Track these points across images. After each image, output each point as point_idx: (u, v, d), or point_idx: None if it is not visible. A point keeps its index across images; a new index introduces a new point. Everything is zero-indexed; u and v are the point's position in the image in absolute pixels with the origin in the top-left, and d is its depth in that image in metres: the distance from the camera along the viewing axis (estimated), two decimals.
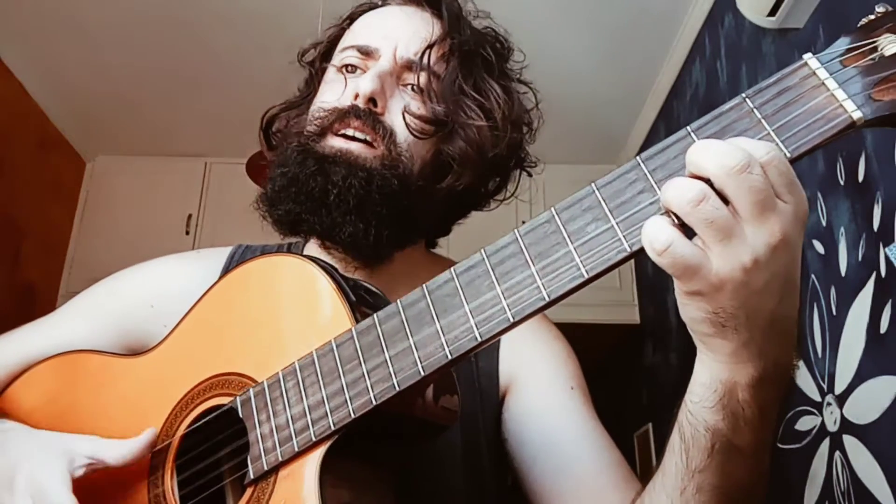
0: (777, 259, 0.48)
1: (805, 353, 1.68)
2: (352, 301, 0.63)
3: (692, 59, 2.54)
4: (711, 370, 0.53)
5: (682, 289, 0.49)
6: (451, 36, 0.86)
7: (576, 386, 0.80)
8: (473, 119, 0.83)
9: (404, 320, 0.58)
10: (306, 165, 0.79)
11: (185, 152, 3.28)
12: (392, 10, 0.89)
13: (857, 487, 1.43)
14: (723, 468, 0.54)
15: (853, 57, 0.49)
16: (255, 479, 0.62)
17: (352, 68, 0.85)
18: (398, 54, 0.83)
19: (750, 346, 0.50)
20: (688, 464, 0.55)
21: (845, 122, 0.47)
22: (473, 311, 0.54)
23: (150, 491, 0.68)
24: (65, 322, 0.86)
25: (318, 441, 0.59)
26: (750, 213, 0.47)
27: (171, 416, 0.69)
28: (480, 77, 0.87)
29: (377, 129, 0.79)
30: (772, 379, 0.52)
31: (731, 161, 0.46)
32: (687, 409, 0.55)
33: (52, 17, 2.56)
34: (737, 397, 0.52)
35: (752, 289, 0.48)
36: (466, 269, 0.55)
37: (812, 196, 1.68)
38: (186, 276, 0.87)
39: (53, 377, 0.78)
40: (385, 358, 0.58)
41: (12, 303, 2.78)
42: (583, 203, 0.52)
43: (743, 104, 0.50)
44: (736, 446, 0.54)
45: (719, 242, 0.47)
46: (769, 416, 0.54)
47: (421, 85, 0.82)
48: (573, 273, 0.51)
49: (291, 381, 0.62)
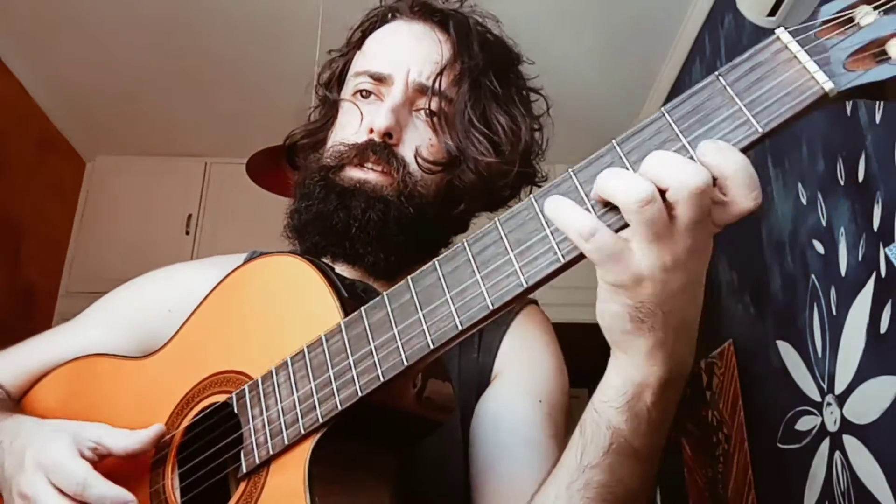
0: (693, 263, 0.50)
1: (805, 353, 1.68)
2: (343, 297, 0.64)
3: (692, 59, 2.54)
4: (625, 372, 0.54)
5: (606, 279, 0.51)
6: (461, 58, 0.88)
7: (544, 401, 0.80)
8: (483, 155, 0.86)
9: (390, 312, 0.58)
10: (329, 201, 0.84)
11: (185, 152, 3.29)
12: (401, 29, 0.91)
13: (857, 487, 1.43)
14: (613, 468, 0.56)
15: (828, 28, 0.48)
16: (248, 473, 0.63)
17: (366, 94, 0.88)
18: (410, 80, 0.86)
19: (664, 347, 0.52)
20: (581, 458, 0.57)
21: (817, 94, 0.47)
22: (454, 299, 0.55)
23: (151, 485, 0.69)
24: (84, 329, 0.89)
25: (308, 434, 0.60)
26: (688, 224, 0.48)
27: (174, 413, 0.71)
28: (489, 105, 0.89)
29: (391, 163, 0.83)
30: (675, 382, 0.54)
31: (694, 181, 0.47)
32: (593, 407, 0.57)
33: (52, 17, 2.56)
34: (644, 400, 0.54)
35: (669, 288, 0.50)
36: (449, 259, 0.56)
37: (812, 196, 1.68)
38: (204, 280, 0.88)
39: (69, 381, 0.81)
40: (371, 349, 0.58)
41: (12, 303, 2.78)
42: (559, 188, 0.52)
43: (716, 82, 0.50)
44: (633, 448, 0.55)
45: (649, 241, 0.49)
46: (667, 420, 0.56)
47: (433, 109, 0.86)
48: (550, 258, 0.52)
49: (283, 375, 0.63)
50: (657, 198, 0.47)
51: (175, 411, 0.71)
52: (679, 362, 0.54)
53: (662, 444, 0.57)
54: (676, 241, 0.49)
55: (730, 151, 0.47)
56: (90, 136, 3.21)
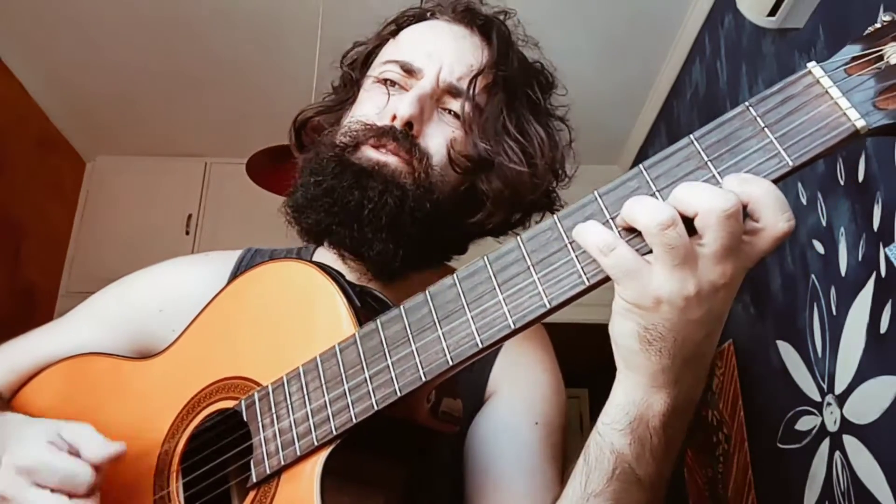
0: (717, 297, 0.50)
1: (805, 353, 1.68)
2: (356, 306, 0.63)
3: (692, 59, 2.54)
4: (627, 391, 0.54)
5: (622, 296, 0.51)
6: (499, 67, 0.85)
7: (542, 423, 0.78)
8: (515, 163, 0.82)
9: (407, 326, 0.58)
10: (344, 178, 0.78)
11: (185, 152, 3.28)
12: (440, 26, 0.87)
13: (857, 487, 1.43)
14: (618, 496, 0.55)
15: (858, 65, 0.49)
16: (258, 483, 0.62)
17: (391, 83, 0.84)
18: (441, 77, 0.82)
19: (669, 372, 0.52)
20: (585, 485, 0.56)
21: (849, 131, 0.47)
22: (475, 318, 0.54)
23: (155, 492, 0.68)
24: (76, 326, 0.87)
25: (321, 445, 0.59)
26: (716, 253, 0.48)
27: (178, 418, 0.70)
28: (525, 116, 0.86)
29: (413, 153, 0.79)
30: (681, 411, 0.54)
31: (724, 205, 0.47)
32: (597, 430, 0.56)
33: (52, 17, 2.56)
34: (647, 423, 0.54)
35: (687, 317, 0.50)
36: (469, 276, 0.56)
37: (812, 196, 1.68)
38: (195, 279, 0.87)
39: (64, 380, 0.79)
40: (387, 363, 0.58)
41: (12, 303, 2.78)
42: (585, 210, 0.52)
43: (746, 112, 0.50)
44: (637, 476, 0.55)
45: (672, 266, 0.49)
46: (673, 450, 0.55)
47: (461, 113, 0.82)
48: (574, 280, 0.51)
49: (295, 385, 0.62)
50: (678, 222, 0.48)
51: (180, 415, 0.70)
52: (686, 393, 0.53)
53: (667, 476, 0.56)
54: (702, 271, 0.49)
55: (756, 180, 0.48)
56: (90, 136, 3.21)
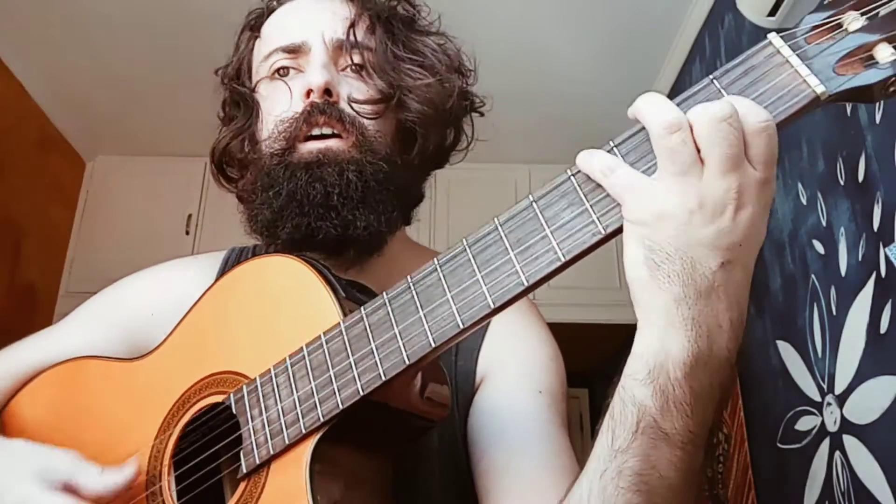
0: (727, 217, 0.49)
1: (805, 353, 1.68)
2: (341, 296, 0.64)
3: (692, 59, 2.54)
4: (644, 338, 0.52)
5: (627, 217, 0.50)
6: (366, 6, 0.85)
7: (544, 391, 0.78)
8: (420, 79, 0.83)
9: (390, 311, 0.59)
10: (298, 177, 0.78)
11: (185, 152, 3.28)
12: (297, 4, 0.88)
13: (857, 487, 1.43)
14: (646, 453, 0.51)
15: (818, 34, 0.50)
16: (248, 473, 0.63)
17: (284, 71, 0.84)
18: (328, 39, 0.82)
19: (683, 306, 0.49)
20: (612, 442, 0.53)
21: (809, 97, 0.49)
22: (455, 299, 0.55)
23: (147, 488, 0.68)
24: (69, 332, 0.87)
25: (308, 433, 0.60)
26: (715, 163, 0.48)
27: (169, 415, 0.70)
28: (408, 37, 0.86)
29: (343, 120, 0.79)
30: (706, 363, 0.50)
31: (715, 109, 0.48)
32: (621, 384, 0.54)
33: (52, 17, 2.56)
34: (667, 372, 0.50)
35: (693, 235, 0.49)
36: (449, 259, 0.57)
37: (812, 196, 1.68)
38: (185, 281, 0.88)
39: (57, 385, 0.80)
40: (371, 348, 0.59)
41: (12, 303, 2.78)
42: (559, 189, 0.53)
43: (711, 85, 0.51)
44: (663, 431, 0.51)
45: (672, 175, 0.49)
46: (704, 407, 0.51)
47: (358, 62, 0.82)
48: (551, 257, 0.52)
49: (282, 375, 0.63)
50: (684, 129, 0.48)
51: (171, 412, 0.70)
52: (708, 340, 0.50)
53: (702, 433, 0.52)
54: (705, 184, 0.48)
55: (758, 107, 0.49)
56: (90, 136, 3.21)
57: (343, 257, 0.81)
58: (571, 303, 2.91)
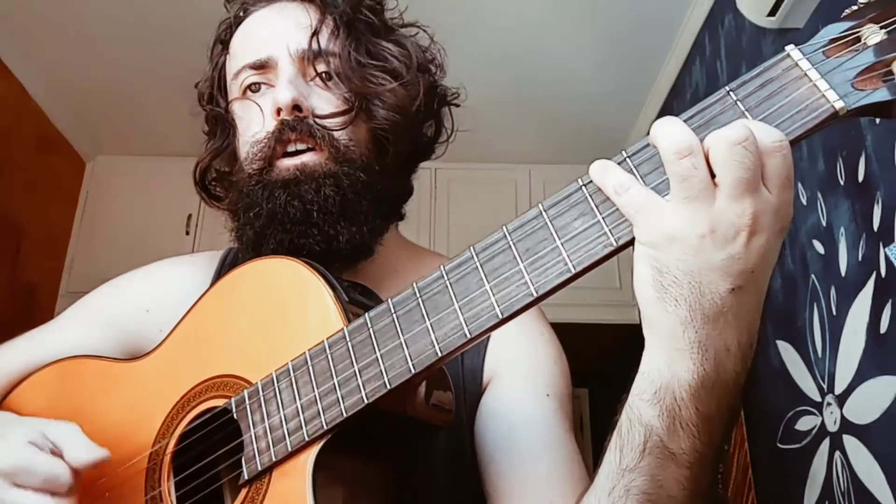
0: (739, 243, 0.48)
1: (805, 353, 1.68)
2: (344, 301, 0.63)
3: (692, 59, 2.54)
4: (651, 357, 0.52)
5: (638, 237, 0.50)
6: (328, 11, 0.85)
7: (552, 394, 0.78)
8: (383, 84, 0.83)
9: (395, 319, 0.58)
10: (276, 196, 0.79)
11: (185, 152, 3.26)
12: (260, 14, 0.88)
13: (857, 487, 1.43)
14: (654, 473, 0.52)
15: (836, 47, 0.49)
16: (250, 480, 0.62)
17: (256, 87, 0.84)
18: (292, 51, 0.82)
19: (690, 330, 0.49)
20: (620, 461, 0.54)
21: (828, 112, 0.47)
22: (462, 308, 0.55)
23: (146, 492, 0.68)
24: (64, 329, 0.87)
25: (312, 440, 0.59)
26: (729, 186, 0.47)
27: (168, 418, 0.69)
28: (370, 42, 0.86)
29: (314, 134, 0.79)
30: (713, 385, 0.50)
31: (730, 133, 0.47)
32: (628, 403, 0.54)
33: (52, 17, 2.55)
34: (673, 393, 0.51)
35: (703, 260, 0.48)
36: (456, 267, 0.56)
37: (812, 196, 1.68)
38: (181, 280, 0.88)
39: (54, 383, 0.79)
40: (376, 356, 0.58)
41: (12, 303, 2.78)
42: (570, 199, 0.53)
43: (727, 97, 0.50)
44: (670, 451, 0.52)
45: (683, 199, 0.48)
46: (711, 427, 0.51)
47: (324, 71, 0.83)
48: (560, 268, 0.52)
49: (285, 381, 0.62)
50: (696, 153, 0.47)
51: (170, 415, 0.69)
52: (716, 364, 0.50)
53: (710, 454, 0.52)
54: (718, 209, 0.47)
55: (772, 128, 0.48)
56: (90, 136, 3.21)
57: (332, 267, 0.82)
58: (571, 303, 2.91)
